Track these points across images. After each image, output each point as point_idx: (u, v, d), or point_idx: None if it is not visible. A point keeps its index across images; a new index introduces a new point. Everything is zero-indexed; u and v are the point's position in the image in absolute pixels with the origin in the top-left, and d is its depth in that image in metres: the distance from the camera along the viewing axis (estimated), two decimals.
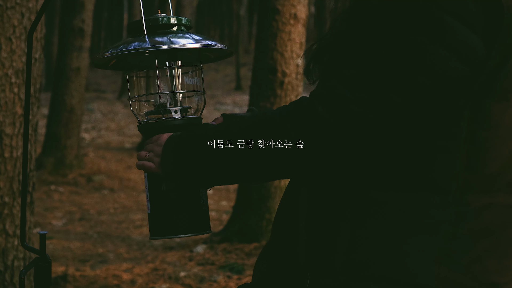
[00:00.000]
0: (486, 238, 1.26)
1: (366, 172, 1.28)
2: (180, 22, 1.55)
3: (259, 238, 5.82)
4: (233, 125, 1.34)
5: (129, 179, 10.24)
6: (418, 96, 1.21)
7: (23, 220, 1.60)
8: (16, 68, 3.37)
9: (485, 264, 1.26)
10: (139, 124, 1.57)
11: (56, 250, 5.94)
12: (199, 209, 1.53)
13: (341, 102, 1.23)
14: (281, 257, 1.36)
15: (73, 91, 10.03)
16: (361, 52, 1.26)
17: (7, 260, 3.40)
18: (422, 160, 1.26)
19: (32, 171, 3.59)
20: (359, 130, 1.22)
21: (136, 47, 1.49)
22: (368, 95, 1.22)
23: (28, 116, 1.60)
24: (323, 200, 1.31)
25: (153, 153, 1.46)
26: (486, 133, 1.24)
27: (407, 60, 1.21)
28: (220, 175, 1.37)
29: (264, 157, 1.29)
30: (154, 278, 4.90)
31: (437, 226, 1.25)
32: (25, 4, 3.37)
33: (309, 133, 1.24)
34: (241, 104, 18.36)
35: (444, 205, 1.25)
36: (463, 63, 1.21)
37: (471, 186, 1.25)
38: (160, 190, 1.50)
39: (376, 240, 1.26)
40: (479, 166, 1.25)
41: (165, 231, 1.52)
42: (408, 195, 1.26)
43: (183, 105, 1.57)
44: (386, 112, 1.21)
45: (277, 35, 5.79)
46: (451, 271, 1.24)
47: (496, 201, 1.26)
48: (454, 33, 1.21)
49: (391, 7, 1.24)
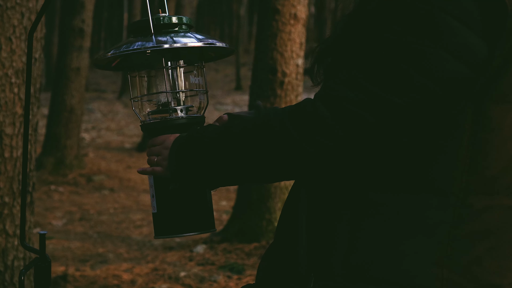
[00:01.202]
0: (486, 239, 1.26)
1: (365, 174, 1.28)
2: (182, 22, 1.55)
3: (259, 238, 5.82)
4: (235, 127, 1.34)
5: (129, 179, 10.24)
6: (419, 98, 1.21)
7: (23, 220, 1.60)
8: (16, 68, 3.37)
9: (486, 265, 1.26)
10: (142, 124, 1.57)
11: (56, 250, 5.94)
12: (206, 207, 1.53)
13: (342, 104, 1.23)
14: (283, 258, 1.36)
15: (73, 91, 10.03)
16: (363, 54, 1.26)
17: (7, 260, 3.40)
18: (421, 161, 1.26)
19: (32, 171, 3.59)
20: (360, 131, 1.23)
21: (139, 46, 1.49)
22: (369, 97, 1.22)
23: (28, 116, 1.60)
24: (322, 202, 1.31)
25: (161, 157, 1.47)
26: (486, 135, 1.24)
27: (408, 62, 1.21)
28: (222, 177, 1.37)
29: (265, 159, 1.29)
30: (154, 278, 4.90)
31: (435, 227, 1.25)
32: (25, 4, 3.37)
33: (311, 134, 1.24)
34: (241, 104, 18.35)
35: (443, 206, 1.25)
36: (464, 65, 1.21)
37: (472, 188, 1.25)
38: (167, 189, 1.51)
39: (375, 242, 1.26)
40: (479, 168, 1.25)
41: (172, 230, 1.53)
42: (407, 196, 1.26)
43: (186, 104, 1.57)
44: (387, 113, 1.22)
45: (277, 35, 5.79)
46: (451, 272, 1.24)
47: (497, 203, 1.26)
48: (455, 35, 1.21)
49: (392, 9, 1.24)
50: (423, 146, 1.26)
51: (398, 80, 1.21)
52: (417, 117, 1.23)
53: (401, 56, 1.21)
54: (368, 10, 1.28)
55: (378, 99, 1.21)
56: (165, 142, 1.47)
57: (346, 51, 1.31)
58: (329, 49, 1.38)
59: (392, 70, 1.21)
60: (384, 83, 1.22)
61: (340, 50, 1.33)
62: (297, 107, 1.28)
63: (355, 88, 1.23)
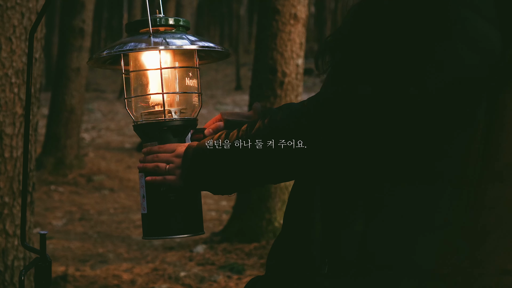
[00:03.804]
0: (500, 227, 1.27)
1: (380, 165, 1.29)
2: (178, 23, 1.56)
3: (259, 238, 5.82)
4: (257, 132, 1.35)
5: (129, 179, 10.24)
6: (435, 88, 1.22)
7: (23, 220, 1.60)
8: (16, 68, 3.37)
9: (499, 252, 1.27)
10: (134, 124, 1.57)
11: (56, 250, 5.94)
12: (196, 210, 1.54)
13: (359, 98, 1.25)
14: (296, 248, 1.38)
15: (73, 91, 10.03)
16: (379, 46, 1.27)
17: (7, 260, 3.40)
18: (435, 152, 1.27)
19: (32, 171, 3.59)
20: (380, 123, 1.24)
21: (132, 47, 1.50)
22: (387, 90, 1.23)
23: (28, 116, 1.60)
24: (337, 193, 1.33)
25: (174, 165, 1.47)
26: (500, 125, 1.26)
27: (424, 53, 1.22)
28: (239, 182, 1.41)
29: (281, 158, 1.32)
30: (154, 278, 4.89)
31: (449, 216, 1.26)
32: (25, 4, 3.37)
33: (330, 129, 1.26)
34: (241, 104, 18.35)
35: (456, 196, 1.26)
36: (480, 55, 1.22)
37: (484, 177, 1.26)
38: (158, 190, 1.51)
39: (389, 231, 1.27)
40: (492, 157, 1.26)
41: (161, 231, 1.53)
42: (421, 186, 1.27)
43: (180, 106, 1.57)
44: (404, 104, 1.23)
45: (277, 35, 5.79)
46: (464, 260, 1.25)
47: (509, 192, 1.27)
48: (471, 26, 1.21)
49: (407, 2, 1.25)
50: (438, 137, 1.27)
51: (415, 72, 1.22)
52: (433, 107, 1.24)
53: (418, 47, 1.22)
54: (383, 5, 1.28)
55: (395, 90, 1.23)
56: (177, 150, 1.48)
57: (361, 43, 1.32)
58: (341, 41, 1.39)
59: (408, 62, 1.23)
60: (401, 76, 1.23)
61: (354, 42, 1.34)
62: (314, 107, 1.29)
63: (370, 83, 1.24)
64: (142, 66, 1.57)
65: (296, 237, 1.39)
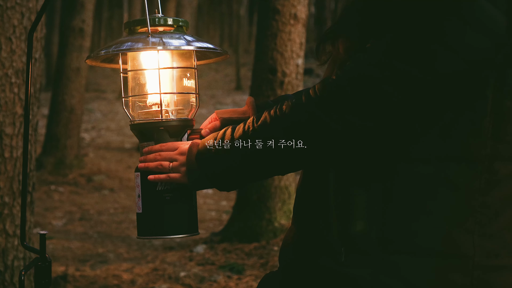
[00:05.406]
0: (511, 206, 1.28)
1: (393, 146, 1.30)
2: (177, 23, 1.56)
3: (259, 238, 5.82)
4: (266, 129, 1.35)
5: (129, 179, 10.24)
6: (444, 67, 1.23)
7: (23, 220, 1.60)
8: (16, 68, 3.37)
9: (510, 230, 1.28)
10: (131, 124, 1.57)
11: (56, 250, 5.94)
12: (191, 210, 1.54)
13: (367, 81, 1.25)
14: (311, 238, 1.37)
15: (73, 91, 10.03)
16: (385, 31, 1.28)
17: (7, 260, 3.40)
18: (447, 131, 1.28)
19: (32, 171, 3.59)
20: (386, 106, 1.25)
21: (129, 47, 1.50)
22: (393, 72, 1.24)
23: (28, 116, 1.60)
24: (352, 180, 1.33)
25: (178, 163, 1.46)
26: (509, 102, 1.27)
27: (432, 36, 1.23)
28: (249, 175, 1.40)
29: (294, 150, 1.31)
30: (154, 278, 4.89)
31: (465, 195, 1.27)
32: (25, 4, 3.37)
33: (340, 114, 1.27)
34: (241, 104, 18.35)
35: (471, 174, 1.27)
36: (488, 36, 1.23)
37: (497, 154, 1.27)
38: (155, 190, 1.51)
39: (407, 212, 1.28)
40: (503, 135, 1.27)
41: (156, 231, 1.53)
42: (436, 165, 1.28)
43: (177, 106, 1.57)
44: (412, 87, 1.24)
45: (277, 35, 5.79)
46: (483, 239, 1.27)
47: None
48: (479, 8, 1.22)
49: None
50: (448, 115, 1.28)
51: (423, 54, 1.23)
52: (444, 85, 1.25)
53: (425, 31, 1.23)
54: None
55: (403, 74, 1.23)
56: (180, 148, 1.47)
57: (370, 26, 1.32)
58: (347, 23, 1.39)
59: (415, 45, 1.23)
60: (409, 58, 1.23)
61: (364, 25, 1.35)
62: (320, 91, 1.29)
63: (379, 65, 1.25)
64: (139, 66, 1.57)
65: (310, 227, 1.38)
